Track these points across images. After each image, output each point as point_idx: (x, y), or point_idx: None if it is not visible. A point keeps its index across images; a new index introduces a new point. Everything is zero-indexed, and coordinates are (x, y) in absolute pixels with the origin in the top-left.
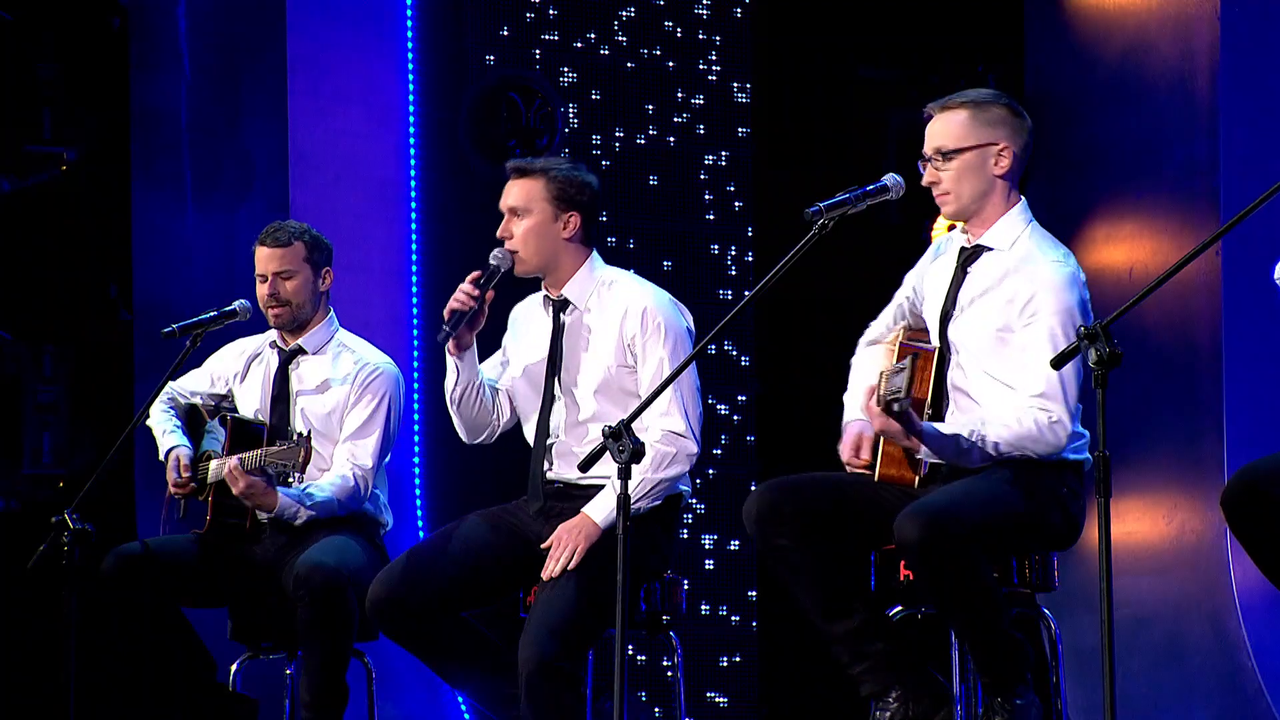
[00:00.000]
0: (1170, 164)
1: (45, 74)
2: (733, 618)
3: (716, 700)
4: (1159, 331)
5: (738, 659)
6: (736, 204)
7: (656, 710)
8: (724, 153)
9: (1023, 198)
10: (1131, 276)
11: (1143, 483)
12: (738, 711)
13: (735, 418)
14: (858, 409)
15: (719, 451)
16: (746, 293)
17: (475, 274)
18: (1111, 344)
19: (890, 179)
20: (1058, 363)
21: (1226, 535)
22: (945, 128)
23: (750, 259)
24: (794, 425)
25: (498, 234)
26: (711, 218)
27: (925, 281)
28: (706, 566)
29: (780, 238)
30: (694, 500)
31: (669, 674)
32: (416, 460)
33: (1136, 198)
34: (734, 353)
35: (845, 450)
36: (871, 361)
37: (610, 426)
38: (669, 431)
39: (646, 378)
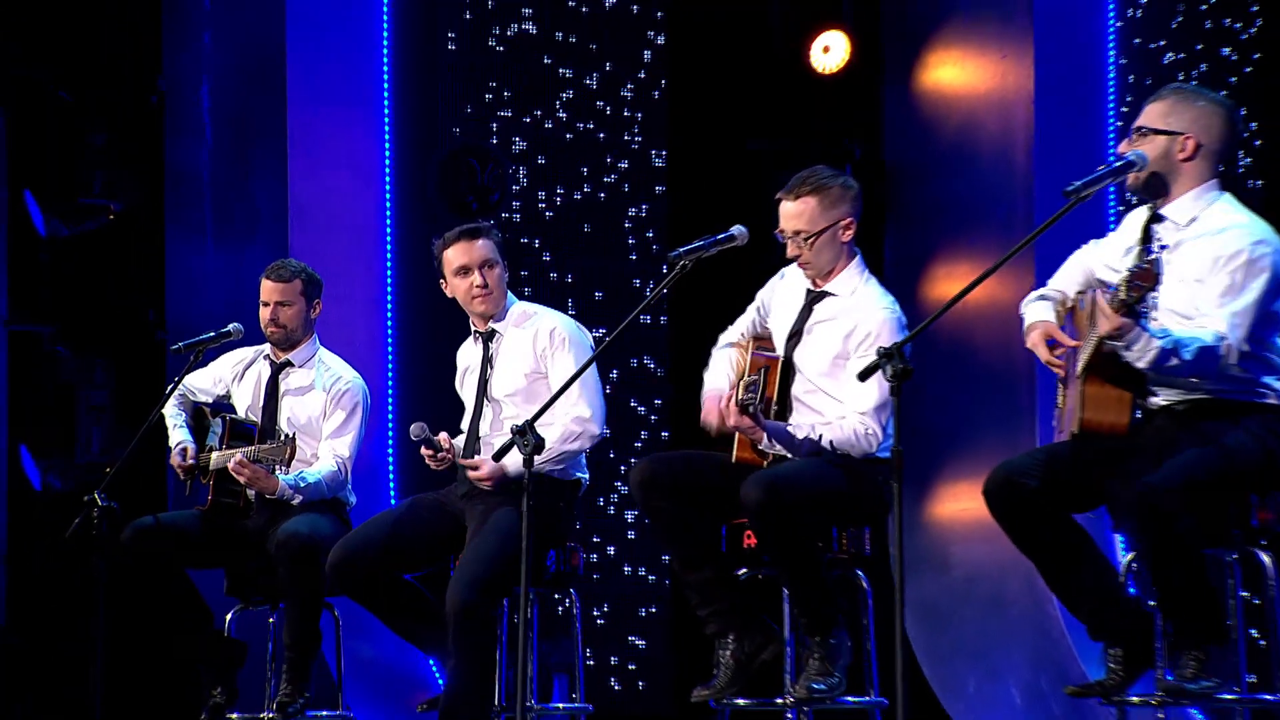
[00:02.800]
0: (995, 217)
1: (96, 142)
2: (649, 577)
3: (636, 643)
4: (987, 350)
5: (654, 610)
6: (655, 247)
7: (588, 651)
8: (644, 206)
9: (859, 252)
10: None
11: (973, 469)
12: (653, 652)
13: (652, 418)
14: (711, 384)
15: (639, 445)
16: (663, 319)
17: (426, 451)
18: (904, 361)
19: (736, 229)
20: (863, 375)
21: None
22: (800, 214)
23: (665, 292)
24: (699, 425)
25: (475, 286)
26: (634, 258)
27: (773, 300)
28: (629, 536)
29: (688, 276)
30: (618, 484)
31: (599, 622)
32: (390, 453)
33: (969, 245)
34: (651, 365)
35: (711, 415)
36: (726, 359)
37: (517, 425)
38: (577, 417)
39: (555, 381)
